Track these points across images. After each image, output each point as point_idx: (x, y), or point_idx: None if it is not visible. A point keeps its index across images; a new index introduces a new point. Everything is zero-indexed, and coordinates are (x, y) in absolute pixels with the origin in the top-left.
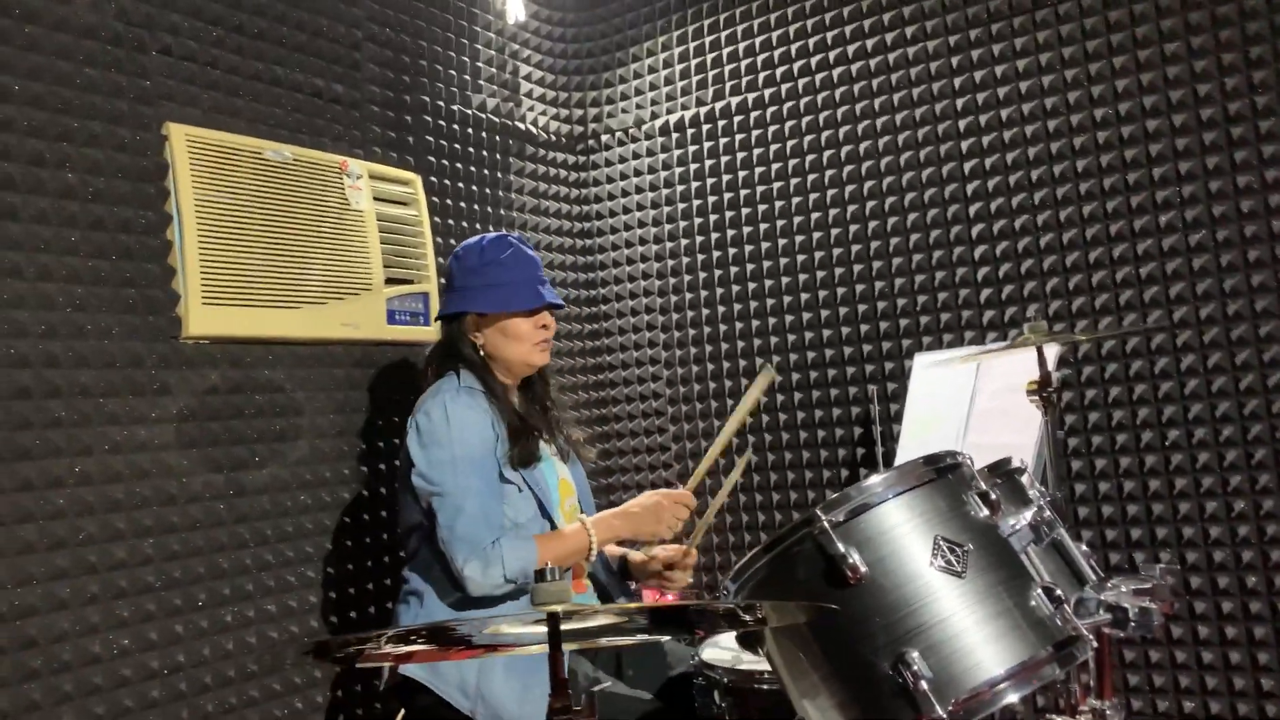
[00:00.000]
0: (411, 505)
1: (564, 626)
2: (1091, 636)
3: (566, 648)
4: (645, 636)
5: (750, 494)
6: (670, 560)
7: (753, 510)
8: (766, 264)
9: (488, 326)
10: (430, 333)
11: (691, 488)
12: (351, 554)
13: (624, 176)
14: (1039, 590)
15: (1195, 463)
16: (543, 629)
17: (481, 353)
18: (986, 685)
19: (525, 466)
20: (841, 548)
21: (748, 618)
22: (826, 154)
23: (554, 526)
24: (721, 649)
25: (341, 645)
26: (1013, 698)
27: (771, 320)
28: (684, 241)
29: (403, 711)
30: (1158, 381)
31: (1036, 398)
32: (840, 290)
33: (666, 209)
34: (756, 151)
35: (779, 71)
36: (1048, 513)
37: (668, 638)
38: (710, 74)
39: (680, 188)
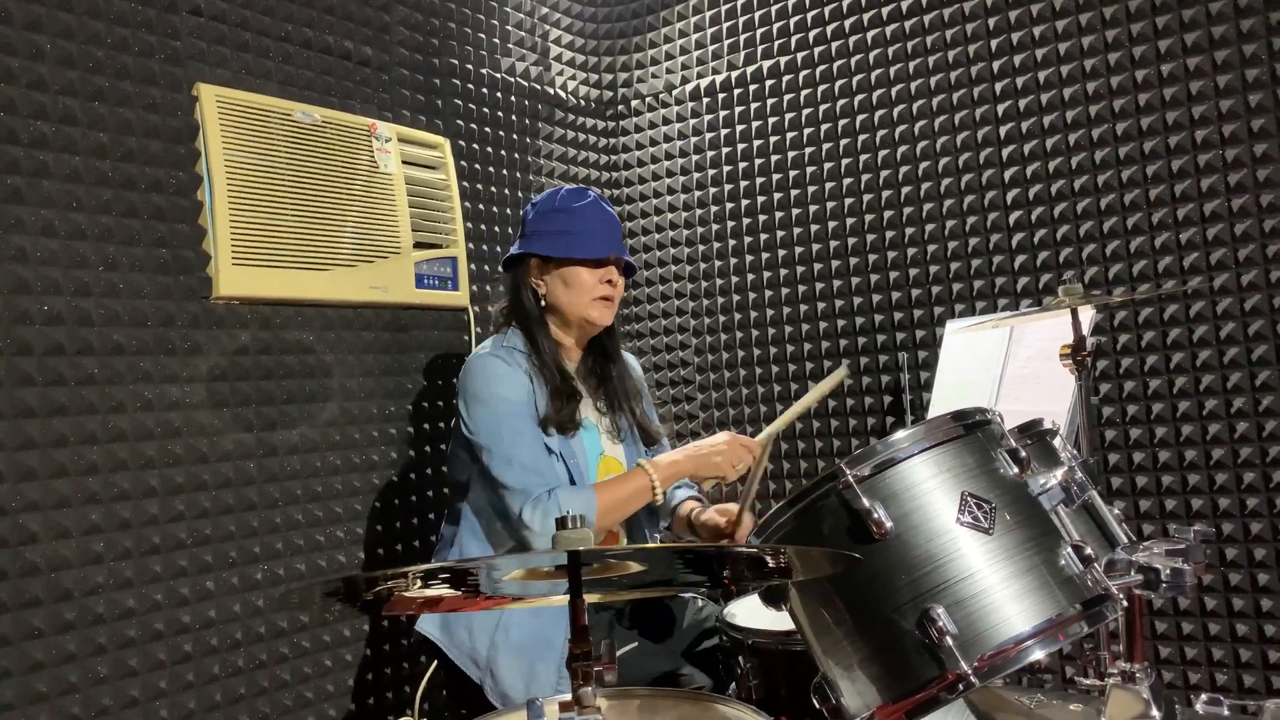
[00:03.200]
0: (457, 463)
1: (585, 576)
2: (1121, 596)
3: (589, 598)
4: (667, 589)
5: (778, 461)
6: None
7: (780, 478)
8: (797, 230)
9: (549, 273)
10: (458, 298)
11: (760, 441)
12: (380, 515)
13: (654, 142)
14: (1068, 548)
15: (1233, 432)
16: (563, 579)
17: (543, 303)
18: (1012, 642)
19: (561, 431)
20: (867, 502)
21: (772, 562)
22: (859, 118)
23: None
24: (745, 610)
25: (369, 584)
26: (1039, 655)
27: (802, 288)
28: (714, 208)
29: (434, 665)
30: (1196, 350)
31: (1070, 361)
32: (872, 257)
33: (696, 175)
34: (788, 116)
35: (811, 35)
36: (1079, 474)
37: (691, 595)
38: (741, 38)
39: (710, 153)
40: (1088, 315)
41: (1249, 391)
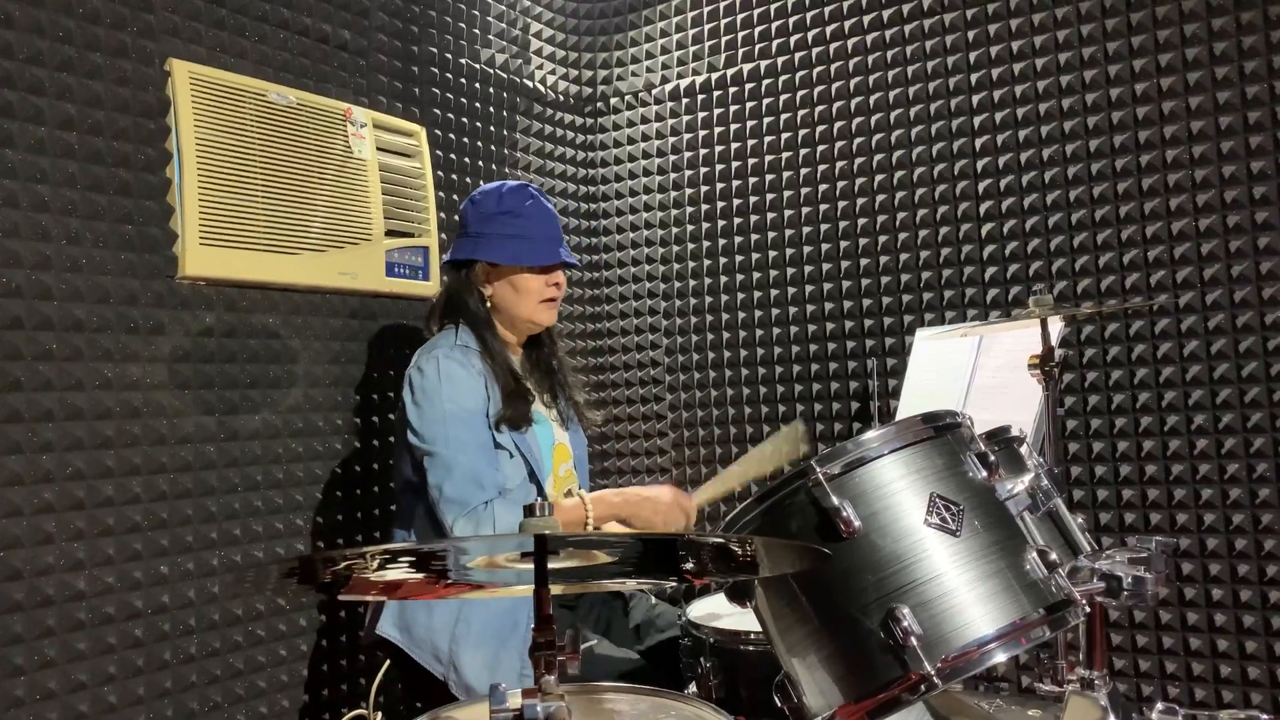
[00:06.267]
0: (405, 462)
1: (551, 565)
2: (1084, 602)
3: (553, 590)
4: (633, 582)
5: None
6: None
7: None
8: (771, 234)
9: (498, 278)
10: (429, 288)
11: (698, 502)
12: (341, 505)
13: (631, 141)
14: (1033, 553)
15: (1193, 449)
16: (528, 565)
17: (488, 305)
18: (976, 644)
19: (515, 429)
20: (835, 501)
21: (739, 553)
22: (836, 125)
23: (542, 492)
24: (706, 610)
25: (326, 563)
26: (1001, 658)
27: (774, 292)
28: (689, 209)
29: (388, 662)
30: (1159, 366)
31: (1038, 371)
32: (844, 263)
33: (673, 175)
34: (765, 120)
35: (791, 40)
36: (1045, 481)
37: (655, 600)
38: (722, 40)
39: (688, 154)
40: (1056, 327)
41: (1210, 409)
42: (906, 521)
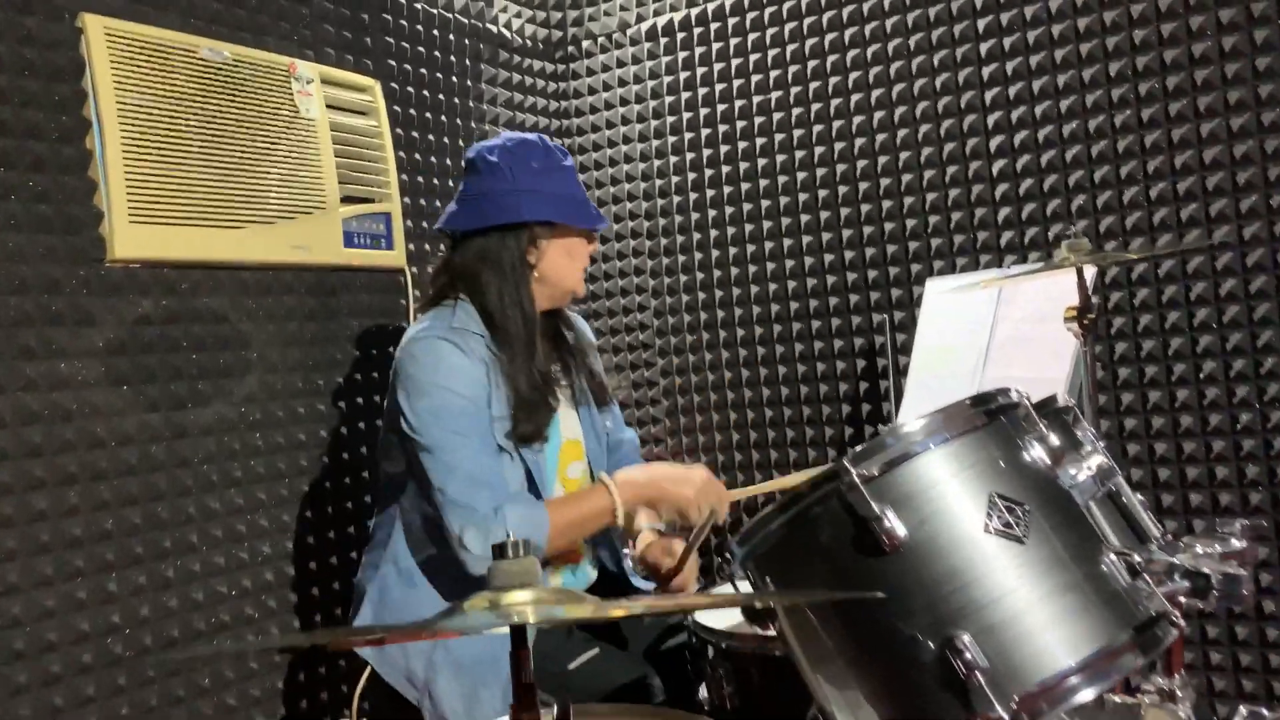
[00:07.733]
0: (391, 456)
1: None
2: (1175, 612)
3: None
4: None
5: (745, 431)
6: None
7: (747, 449)
8: (763, 181)
9: (550, 241)
10: (393, 258)
11: (735, 496)
12: (309, 499)
13: (607, 86)
14: (1110, 555)
15: (1232, 398)
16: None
17: (533, 276)
18: (1057, 677)
19: (527, 444)
20: (876, 508)
21: (758, 606)
22: (830, 59)
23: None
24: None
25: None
26: (1088, 695)
27: (769, 244)
28: (673, 158)
29: (369, 669)
30: (1193, 309)
31: (1075, 325)
32: (845, 210)
33: (654, 122)
34: (753, 57)
35: None
36: (1106, 460)
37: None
38: None
39: (669, 98)
40: (1091, 274)
41: (1250, 354)
42: (961, 529)
